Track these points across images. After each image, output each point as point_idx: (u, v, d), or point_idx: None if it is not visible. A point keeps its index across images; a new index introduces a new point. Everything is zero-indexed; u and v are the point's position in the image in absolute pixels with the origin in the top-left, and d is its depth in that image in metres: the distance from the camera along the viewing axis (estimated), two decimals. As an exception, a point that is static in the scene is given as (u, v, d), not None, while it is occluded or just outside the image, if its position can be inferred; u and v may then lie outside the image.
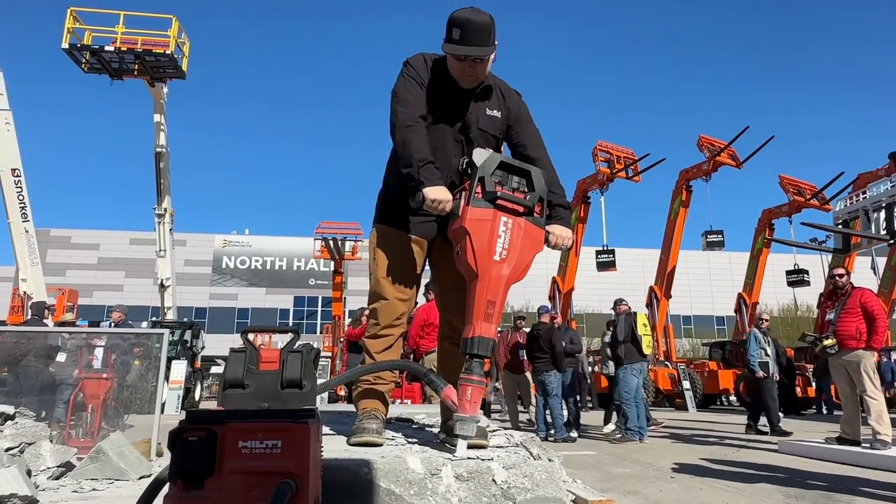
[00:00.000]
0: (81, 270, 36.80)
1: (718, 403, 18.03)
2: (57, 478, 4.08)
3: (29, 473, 3.73)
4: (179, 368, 13.98)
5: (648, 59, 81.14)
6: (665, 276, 18.17)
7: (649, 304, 18.40)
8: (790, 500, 3.72)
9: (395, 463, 1.87)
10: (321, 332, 34.87)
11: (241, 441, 1.35)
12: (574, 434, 7.82)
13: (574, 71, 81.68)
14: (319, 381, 2.17)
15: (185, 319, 17.72)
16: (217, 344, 35.63)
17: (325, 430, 2.35)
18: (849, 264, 18.45)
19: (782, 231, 19.34)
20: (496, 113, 2.31)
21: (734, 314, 20.13)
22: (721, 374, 16.05)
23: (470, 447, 2.15)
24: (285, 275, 40.56)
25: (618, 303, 7.88)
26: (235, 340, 36.30)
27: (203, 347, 18.00)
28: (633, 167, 18.57)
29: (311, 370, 1.74)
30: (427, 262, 2.48)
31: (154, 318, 25.02)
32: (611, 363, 8.20)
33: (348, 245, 20.42)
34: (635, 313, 7.46)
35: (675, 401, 15.66)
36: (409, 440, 2.29)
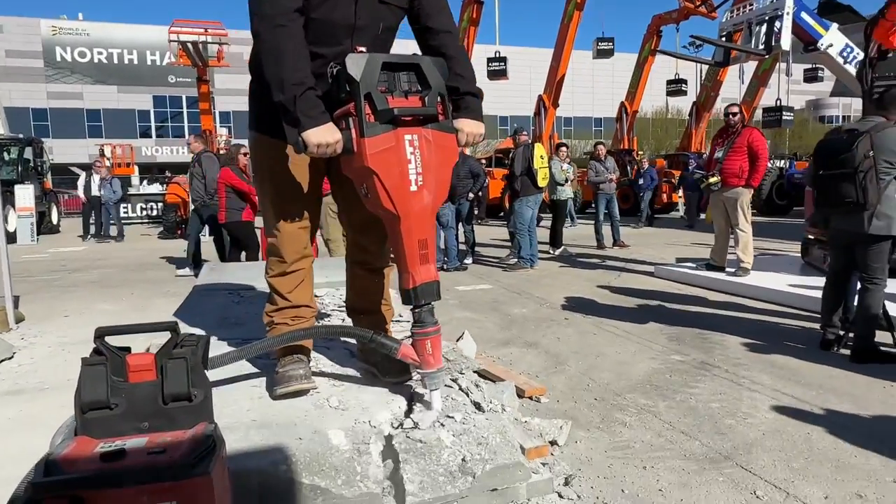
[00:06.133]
0: None
1: (593, 208, 19.48)
2: None
3: None
4: (26, 193, 12.30)
5: None
6: (554, 85, 17.99)
7: (537, 113, 18.43)
8: (672, 344, 4.08)
9: (314, 445, 1.59)
10: (189, 136, 32.05)
11: (122, 512, 1.02)
12: (469, 260, 8.05)
13: None
14: (228, 351, 1.77)
15: (22, 135, 15.10)
16: (66, 150, 31.73)
17: (253, 382, 1.98)
18: (722, 75, 19.23)
19: (669, 39, 19.37)
20: None
21: (615, 121, 20.85)
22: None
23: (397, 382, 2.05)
24: (138, 70, 35.53)
25: (517, 132, 7.61)
26: (86, 146, 32.65)
27: (50, 162, 15.84)
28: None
29: (200, 373, 1.32)
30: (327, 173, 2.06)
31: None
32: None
33: (212, 49, 17.53)
34: (533, 145, 7.27)
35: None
36: (336, 382, 2.03)
